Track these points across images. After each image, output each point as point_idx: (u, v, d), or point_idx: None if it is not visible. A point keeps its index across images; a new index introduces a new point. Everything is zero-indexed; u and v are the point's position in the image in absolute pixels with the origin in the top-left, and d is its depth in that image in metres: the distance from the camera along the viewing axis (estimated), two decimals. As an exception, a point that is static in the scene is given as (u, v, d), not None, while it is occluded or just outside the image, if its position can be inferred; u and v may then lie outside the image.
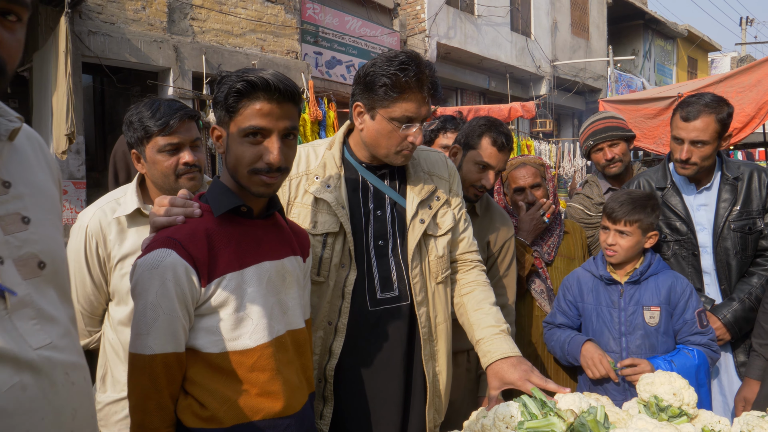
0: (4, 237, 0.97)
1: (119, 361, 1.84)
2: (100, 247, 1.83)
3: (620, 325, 2.16)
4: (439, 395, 1.84)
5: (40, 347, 0.98)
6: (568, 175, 13.58)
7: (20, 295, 0.97)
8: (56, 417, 1.00)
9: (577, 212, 3.09)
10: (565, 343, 2.23)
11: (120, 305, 1.84)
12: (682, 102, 2.39)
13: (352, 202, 1.75)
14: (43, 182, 1.11)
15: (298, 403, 1.44)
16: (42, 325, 1.00)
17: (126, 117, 1.88)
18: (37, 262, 1.02)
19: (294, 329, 1.48)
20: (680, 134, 2.34)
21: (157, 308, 1.28)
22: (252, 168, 1.36)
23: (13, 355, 0.94)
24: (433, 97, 1.69)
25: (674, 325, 2.15)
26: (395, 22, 11.82)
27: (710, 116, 2.29)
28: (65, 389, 1.01)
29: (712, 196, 2.43)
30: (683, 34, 22.42)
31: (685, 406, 1.54)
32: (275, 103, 1.34)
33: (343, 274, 1.71)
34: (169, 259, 1.29)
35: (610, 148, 2.96)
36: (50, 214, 1.09)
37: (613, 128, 2.97)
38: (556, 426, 1.28)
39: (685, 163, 2.34)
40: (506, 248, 2.35)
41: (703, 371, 2.08)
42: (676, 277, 2.19)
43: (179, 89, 7.68)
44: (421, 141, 1.68)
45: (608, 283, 2.22)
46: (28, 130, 1.12)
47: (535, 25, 15.50)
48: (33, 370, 0.96)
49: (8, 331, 0.94)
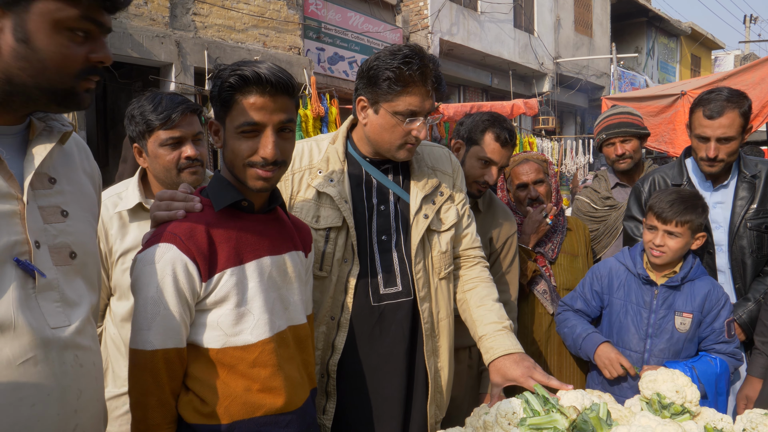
0: (44, 225, 1.09)
1: (120, 356, 1.84)
2: (102, 242, 1.82)
3: (648, 326, 2.12)
4: (441, 391, 1.84)
5: (56, 327, 1.07)
6: (570, 173, 13.55)
7: (48, 278, 1.07)
8: (62, 394, 1.07)
9: (584, 205, 3.08)
10: (579, 337, 2.19)
11: (121, 300, 1.84)
12: (701, 100, 2.34)
13: (355, 196, 1.74)
14: (84, 185, 1.24)
15: (299, 399, 1.43)
16: (63, 308, 1.09)
17: (128, 111, 1.87)
18: (69, 252, 1.12)
19: (295, 324, 1.47)
20: (705, 132, 2.30)
21: (158, 303, 1.27)
22: (247, 161, 1.35)
23: (30, 330, 1.03)
24: (437, 92, 1.67)
25: (702, 332, 2.10)
26: (398, 18, 11.79)
27: (734, 111, 2.27)
28: (73, 370, 1.10)
29: (729, 193, 2.41)
30: (687, 31, 22.34)
31: (687, 404, 1.54)
32: (268, 96, 1.32)
33: (345, 269, 1.71)
34: (170, 253, 1.28)
35: (622, 144, 2.93)
36: (87, 213, 1.21)
37: (628, 124, 2.95)
38: (558, 423, 1.28)
39: (713, 161, 2.31)
40: (509, 244, 2.34)
41: (724, 380, 2.05)
42: (714, 285, 2.13)
43: (181, 84, 7.67)
44: (425, 135, 1.68)
45: (644, 282, 2.16)
46: (78, 139, 1.27)
47: (539, 21, 15.45)
48: (46, 347, 1.05)
49: (32, 309, 1.04)
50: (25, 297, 1.03)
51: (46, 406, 1.04)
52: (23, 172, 1.07)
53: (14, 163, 1.06)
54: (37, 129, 1.12)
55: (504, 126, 2.27)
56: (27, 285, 1.04)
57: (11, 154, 1.07)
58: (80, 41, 1.04)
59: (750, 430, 1.44)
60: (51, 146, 1.11)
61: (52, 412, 1.05)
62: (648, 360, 2.11)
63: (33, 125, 1.12)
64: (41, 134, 1.12)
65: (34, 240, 1.05)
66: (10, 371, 0.99)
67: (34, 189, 1.08)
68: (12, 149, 1.08)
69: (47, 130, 1.13)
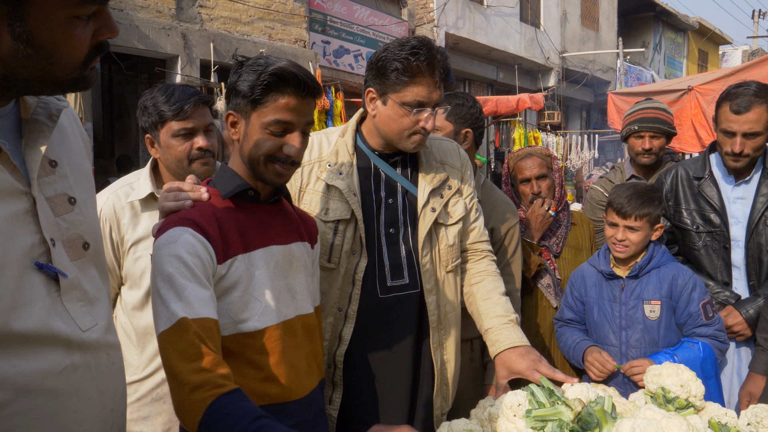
0: (55, 219, 0.99)
1: (131, 345, 1.86)
2: (114, 231, 1.84)
3: (620, 319, 2.17)
4: (447, 383, 1.85)
5: (88, 329, 1.02)
6: (575, 168, 13.51)
7: (69, 278, 0.99)
8: (100, 396, 1.03)
9: (597, 194, 3.08)
10: (570, 348, 2.26)
11: (133, 289, 1.86)
12: (728, 94, 2.33)
13: (363, 189, 1.75)
14: (80, 159, 1.12)
15: (305, 388, 1.44)
16: (87, 306, 1.03)
17: (140, 102, 1.89)
18: (83, 243, 1.04)
19: (304, 314, 1.48)
20: (732, 127, 2.29)
21: (183, 275, 1.22)
22: (270, 155, 1.37)
23: (66, 337, 0.97)
24: (445, 83, 1.68)
25: (679, 318, 2.14)
26: (404, 11, 11.75)
27: (762, 106, 2.26)
28: (108, 369, 1.06)
29: (751, 189, 2.39)
30: (694, 26, 22.17)
31: (692, 398, 1.55)
32: (301, 98, 1.35)
33: (354, 261, 1.72)
34: (185, 234, 1.27)
35: (651, 139, 2.91)
36: (88, 192, 1.11)
37: (662, 121, 2.93)
38: (563, 415, 1.29)
39: (738, 156, 2.31)
40: (511, 234, 2.34)
41: (710, 363, 2.07)
42: (679, 269, 2.17)
43: (187, 77, 7.68)
44: (432, 126, 1.68)
45: (611, 278, 2.22)
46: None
47: (545, 15, 15.37)
48: (82, 351, 1.00)
49: (60, 314, 0.97)
50: (53, 303, 0.96)
51: (88, 410, 1.01)
52: (24, 160, 0.96)
53: (14, 153, 0.95)
54: (31, 107, 1.00)
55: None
56: (51, 289, 0.97)
57: (7, 139, 0.95)
58: (84, 25, 0.92)
59: (755, 424, 1.44)
60: (53, 129, 1.01)
61: (94, 415, 1.02)
62: (627, 352, 2.14)
63: (24, 102, 1.00)
64: (37, 113, 1.00)
65: (50, 238, 0.97)
66: (50, 381, 0.94)
67: (38, 178, 0.98)
68: (8, 135, 0.97)
69: (42, 107, 1.01)
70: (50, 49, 0.90)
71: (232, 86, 1.38)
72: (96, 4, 0.93)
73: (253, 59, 1.38)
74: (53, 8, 0.88)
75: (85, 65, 0.95)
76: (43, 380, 0.94)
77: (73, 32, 0.91)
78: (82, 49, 0.94)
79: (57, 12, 0.88)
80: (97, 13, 0.94)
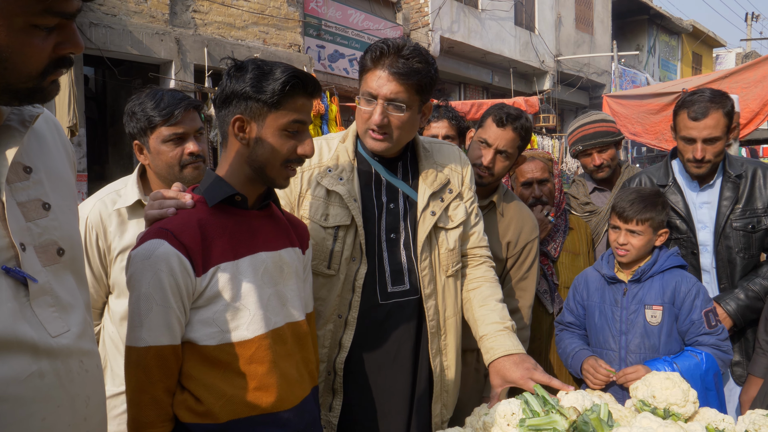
0: (26, 223, 0.99)
1: (119, 355, 1.83)
2: (100, 239, 1.82)
3: (620, 323, 2.15)
4: (447, 390, 1.83)
5: (58, 335, 1.00)
6: (571, 171, 13.54)
7: (40, 283, 0.98)
8: (71, 404, 1.02)
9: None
10: (569, 356, 2.25)
11: (120, 298, 1.83)
12: (685, 102, 2.36)
13: (364, 195, 1.74)
14: (60, 167, 1.12)
15: (296, 396, 1.42)
16: (60, 312, 1.02)
17: (127, 107, 1.86)
18: (57, 249, 1.04)
19: (294, 321, 1.46)
20: (691, 134, 2.31)
21: (150, 299, 1.26)
22: (287, 159, 1.39)
23: (32, 342, 0.95)
24: (401, 77, 1.61)
25: (681, 326, 2.11)
26: (398, 15, 11.77)
27: (718, 111, 2.28)
28: (80, 377, 1.04)
29: (715, 193, 2.41)
30: (688, 29, 22.30)
31: (674, 407, 1.52)
32: (310, 98, 1.41)
33: (353, 268, 1.70)
34: (161, 249, 1.27)
35: (599, 154, 2.93)
36: (67, 200, 1.10)
37: (603, 134, 2.92)
38: (558, 424, 1.27)
39: (701, 162, 2.32)
40: (528, 249, 2.26)
41: (711, 374, 2.02)
42: (683, 276, 2.15)
43: (181, 82, 7.66)
44: (377, 120, 1.63)
45: (614, 282, 2.21)
46: (46, 113, 1.12)
47: (539, 19, 15.42)
48: (51, 357, 0.98)
49: (28, 319, 0.96)
50: (20, 307, 0.95)
51: (57, 417, 0.99)
52: None
53: None
54: (5, 114, 1.00)
55: (505, 110, 2.21)
56: (19, 294, 0.95)
57: None
58: (44, 36, 0.90)
59: (752, 431, 1.43)
60: (24, 135, 0.99)
61: (63, 423, 1.00)
62: (625, 357, 2.12)
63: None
64: (10, 119, 1.00)
65: (19, 242, 0.96)
66: (16, 387, 0.93)
67: (9, 183, 0.97)
68: None
69: (16, 113, 1.01)
70: (4, 53, 0.88)
71: (236, 91, 1.35)
72: (57, 18, 0.91)
73: (251, 63, 1.37)
74: (10, 14, 0.87)
75: (42, 76, 0.94)
76: (6, 387, 0.92)
77: (30, 41, 0.90)
78: (40, 60, 0.92)
79: (14, 18, 0.87)
80: (60, 26, 0.93)
